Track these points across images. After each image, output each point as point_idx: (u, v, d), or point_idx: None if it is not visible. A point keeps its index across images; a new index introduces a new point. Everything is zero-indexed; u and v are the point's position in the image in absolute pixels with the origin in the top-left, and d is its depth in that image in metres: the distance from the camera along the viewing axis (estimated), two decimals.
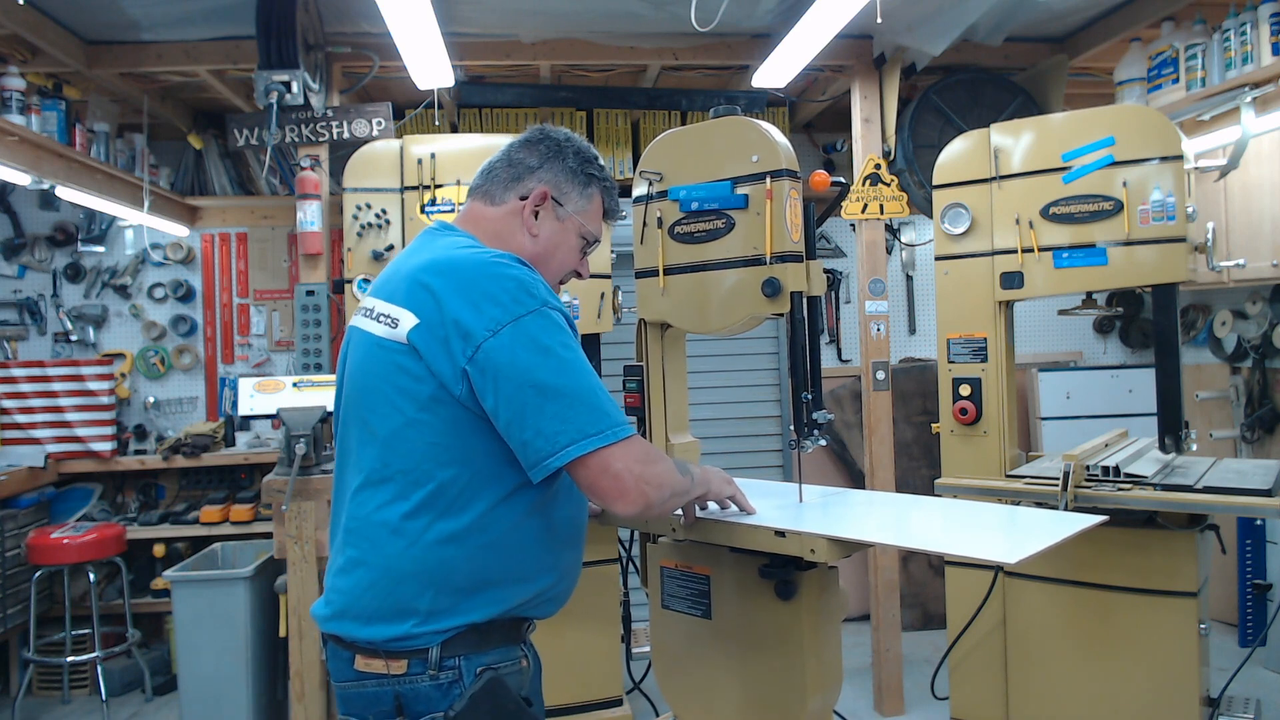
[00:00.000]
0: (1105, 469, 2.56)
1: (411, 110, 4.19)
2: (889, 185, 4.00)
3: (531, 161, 1.67)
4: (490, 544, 1.45)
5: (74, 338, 4.80)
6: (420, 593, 1.44)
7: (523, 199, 1.65)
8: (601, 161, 1.74)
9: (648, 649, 2.32)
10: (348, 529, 1.51)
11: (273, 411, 3.20)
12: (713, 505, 1.90)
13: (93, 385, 4.53)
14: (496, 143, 3.37)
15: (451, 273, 1.46)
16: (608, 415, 1.42)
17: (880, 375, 4.00)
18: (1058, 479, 2.53)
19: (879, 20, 3.15)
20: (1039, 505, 2.51)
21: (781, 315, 2.04)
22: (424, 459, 1.44)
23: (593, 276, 3.21)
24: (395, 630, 1.44)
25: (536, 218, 1.65)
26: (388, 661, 1.45)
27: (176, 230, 4.75)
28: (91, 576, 4.03)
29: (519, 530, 1.48)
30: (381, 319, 1.50)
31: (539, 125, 1.73)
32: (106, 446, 4.51)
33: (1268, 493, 2.34)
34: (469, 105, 4.50)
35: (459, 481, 1.44)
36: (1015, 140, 2.81)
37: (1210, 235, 2.65)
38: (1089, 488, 2.53)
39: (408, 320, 1.45)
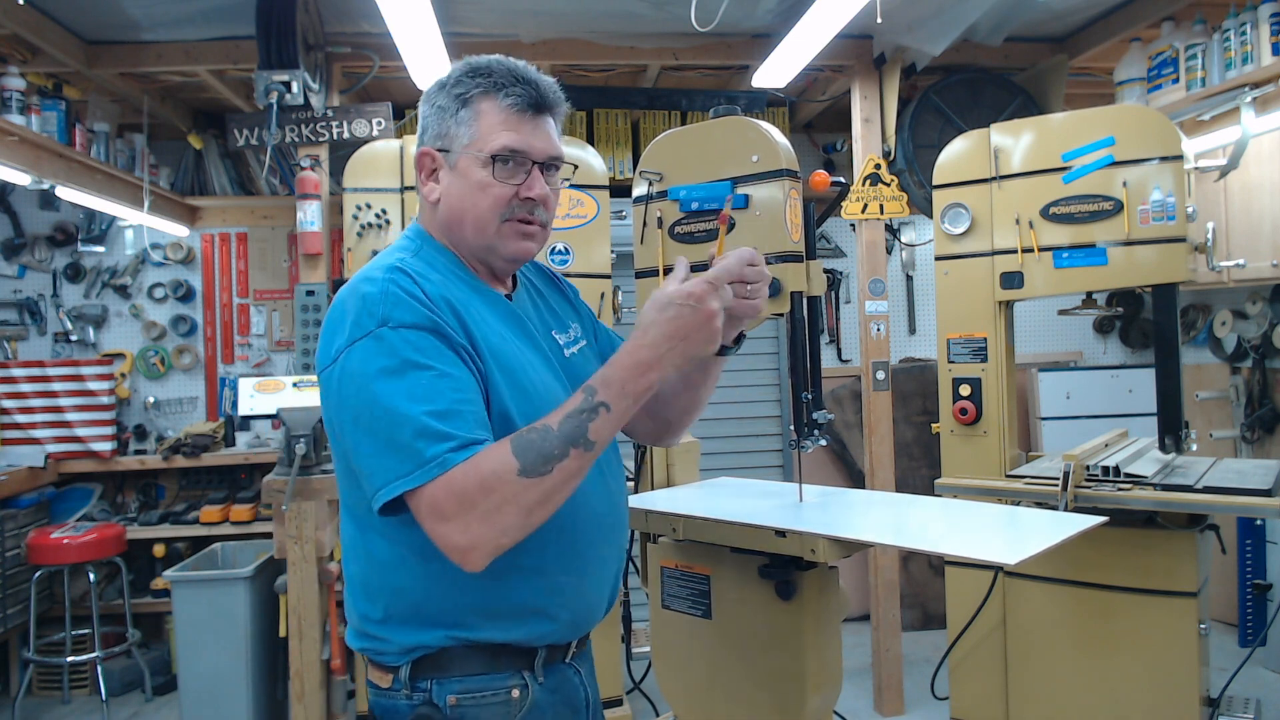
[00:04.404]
0: (1105, 469, 2.56)
1: (411, 110, 4.18)
2: (889, 185, 4.00)
3: (426, 116, 1.42)
4: (406, 573, 1.32)
5: (74, 338, 4.80)
6: (372, 611, 1.36)
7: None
8: (488, 62, 1.38)
9: (648, 649, 2.33)
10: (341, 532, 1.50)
11: (273, 411, 3.21)
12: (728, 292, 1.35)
13: (93, 385, 4.53)
14: None
15: (330, 311, 1.34)
16: (415, 453, 1.17)
17: (880, 375, 4.00)
18: (1058, 479, 2.53)
19: (879, 20, 3.15)
20: (1039, 505, 2.51)
21: (781, 315, 2.04)
22: (344, 480, 1.38)
23: (593, 276, 3.23)
24: (362, 643, 1.39)
25: (436, 179, 1.41)
26: (379, 674, 1.38)
27: (176, 230, 4.75)
28: (91, 576, 4.03)
29: (425, 559, 1.28)
30: None
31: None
32: (106, 446, 4.51)
33: (1268, 493, 2.34)
34: None
35: (364, 507, 1.29)
36: (1015, 140, 2.81)
37: (1210, 235, 2.65)
38: (1089, 488, 2.53)
39: None
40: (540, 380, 1.37)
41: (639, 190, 2.47)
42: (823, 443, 2.09)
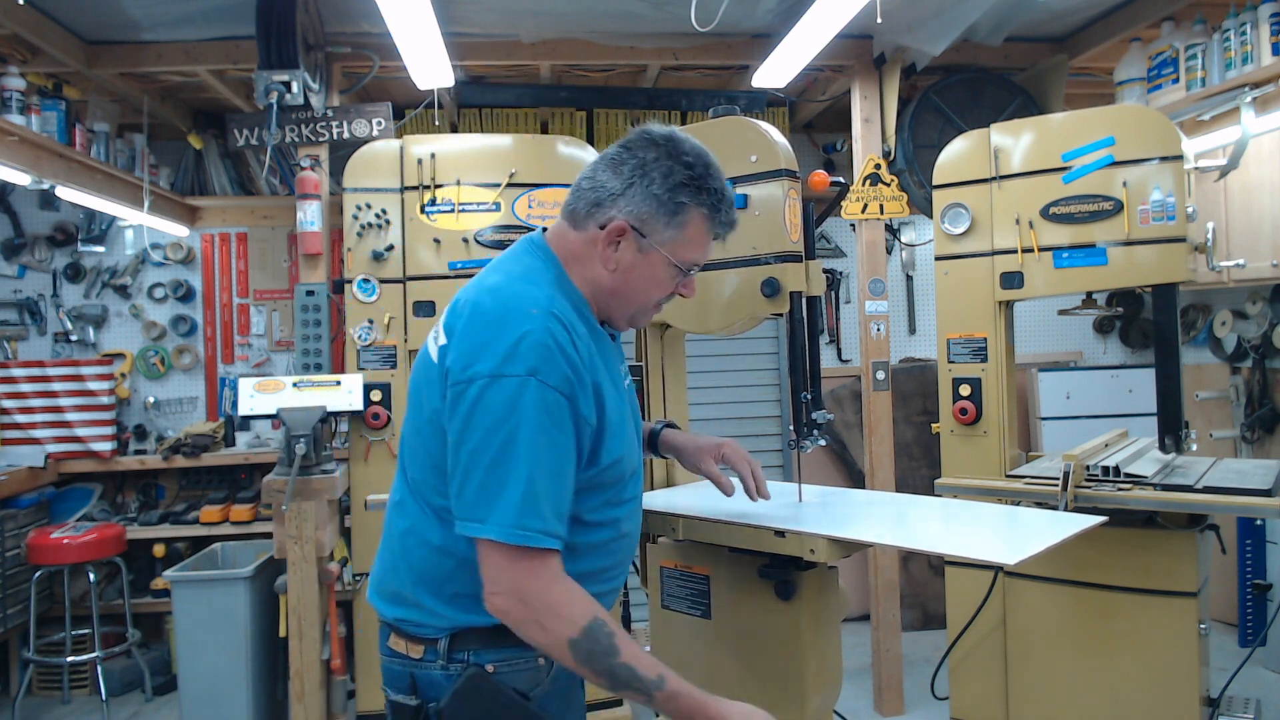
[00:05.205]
0: (1105, 469, 2.56)
1: (411, 110, 4.19)
2: (889, 185, 4.00)
3: (613, 185, 1.49)
4: (466, 561, 1.42)
5: (74, 338, 4.80)
6: (425, 587, 1.48)
7: (602, 227, 1.49)
8: (707, 169, 1.51)
9: (648, 649, 2.32)
10: (390, 504, 1.60)
11: (273, 411, 3.20)
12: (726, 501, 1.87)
13: (93, 385, 4.53)
14: (496, 143, 3.42)
15: (474, 313, 1.43)
16: (512, 514, 1.32)
17: (880, 375, 4.00)
18: (1058, 479, 2.53)
19: (879, 20, 3.15)
20: (1039, 505, 2.51)
21: (781, 315, 2.04)
22: (425, 470, 1.48)
23: None
24: (399, 613, 1.51)
25: (617, 248, 1.50)
26: (408, 644, 1.49)
27: (176, 230, 4.75)
28: (91, 576, 4.03)
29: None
30: (435, 332, 1.52)
31: (642, 128, 1.53)
32: (106, 446, 4.51)
33: (1268, 493, 2.33)
34: (469, 105, 4.50)
35: (443, 498, 1.45)
36: (1015, 140, 2.81)
37: (1210, 235, 2.65)
38: (1089, 488, 2.53)
39: (442, 339, 1.47)
40: (623, 423, 1.53)
41: None
42: (823, 443, 2.09)
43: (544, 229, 1.61)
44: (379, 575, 1.58)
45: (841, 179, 2.39)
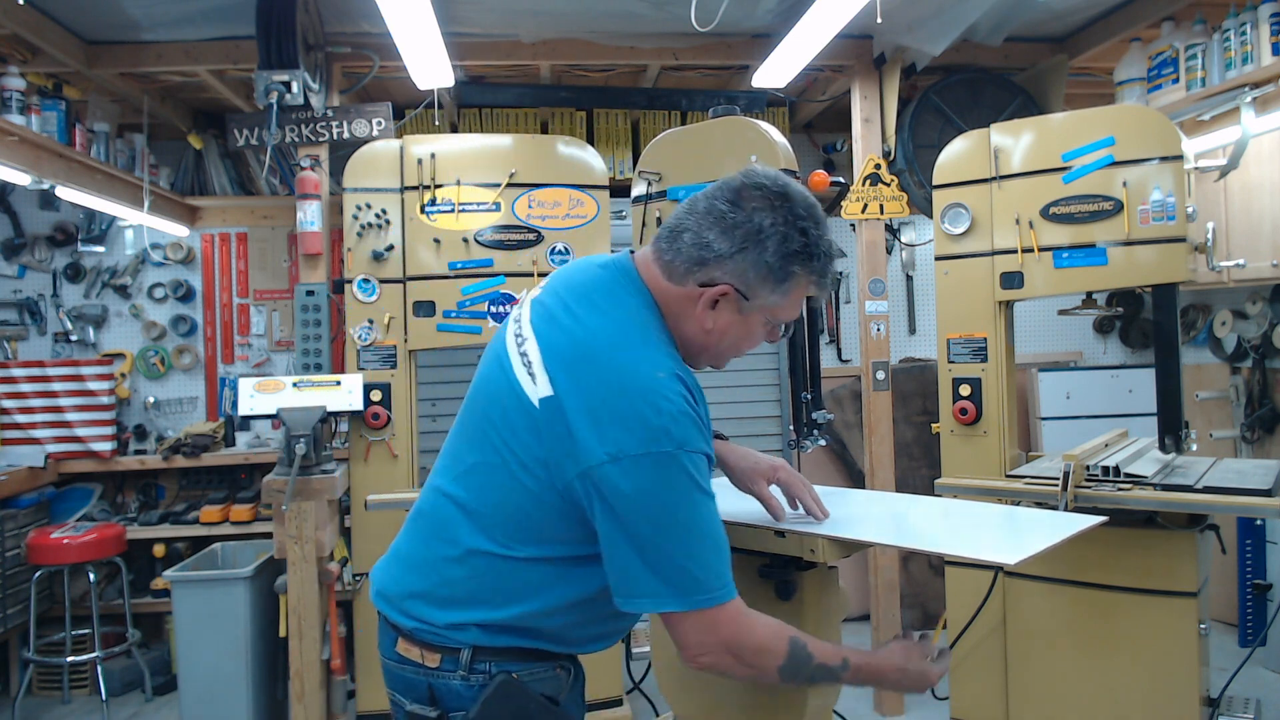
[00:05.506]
0: (1105, 469, 2.56)
1: (411, 110, 4.19)
2: (889, 185, 4.00)
3: (722, 247, 1.41)
4: (535, 612, 1.44)
5: (74, 338, 4.80)
6: (462, 608, 1.45)
7: (703, 285, 1.43)
8: (820, 233, 1.43)
9: (648, 649, 2.33)
10: (421, 512, 1.54)
11: (273, 411, 3.20)
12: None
13: (93, 385, 4.53)
14: (496, 143, 3.42)
15: (590, 370, 1.36)
16: (695, 581, 1.34)
17: (880, 375, 4.00)
18: (1058, 479, 2.53)
19: (879, 20, 3.15)
20: (1039, 505, 2.51)
21: None
22: (498, 508, 1.43)
23: None
24: (434, 625, 1.46)
25: (715, 306, 1.45)
26: (424, 652, 1.45)
27: (176, 230, 4.75)
28: (91, 576, 4.03)
29: (562, 609, 1.46)
30: (524, 360, 1.43)
31: (754, 182, 1.43)
32: (106, 446, 4.51)
33: (1268, 493, 2.33)
34: (469, 105, 4.50)
35: (518, 542, 1.42)
36: (1015, 140, 2.81)
37: (1210, 235, 2.65)
38: (1089, 488, 2.53)
39: (542, 387, 1.38)
40: None
41: (638, 190, 2.48)
42: (823, 443, 2.09)
43: (631, 251, 1.55)
44: (397, 580, 1.52)
45: (841, 179, 2.39)
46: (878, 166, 4.01)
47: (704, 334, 1.47)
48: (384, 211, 3.33)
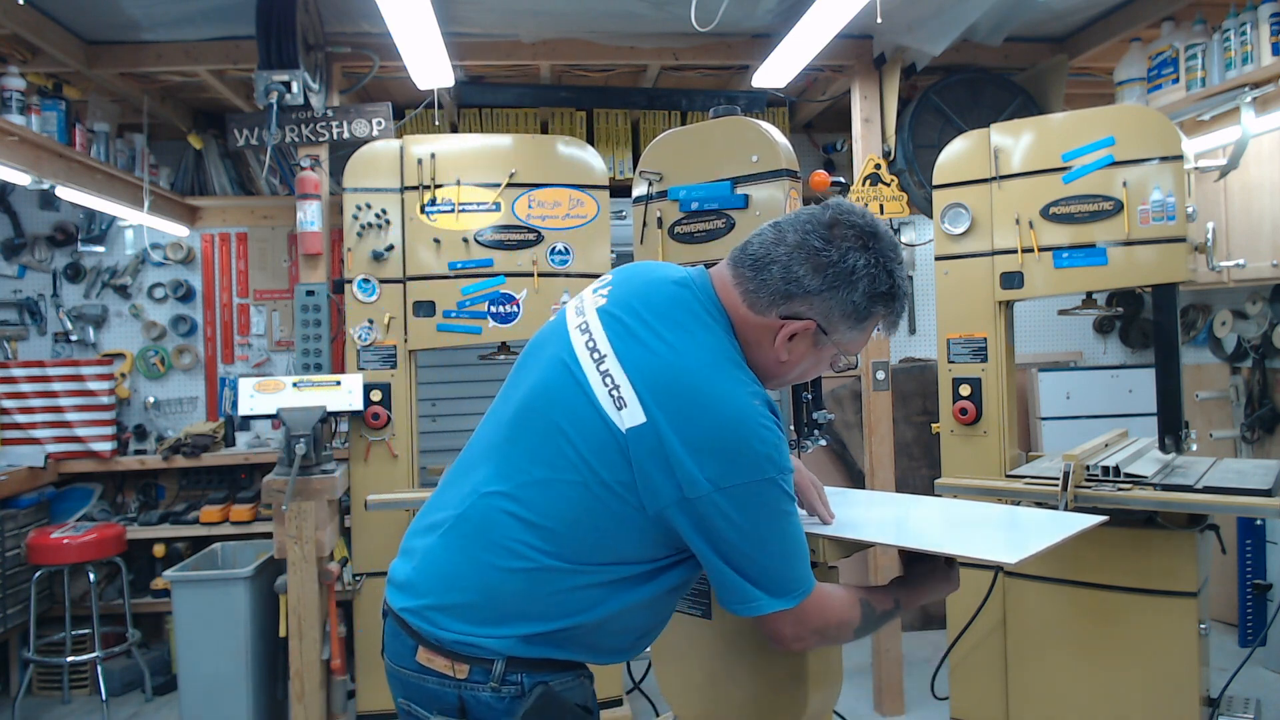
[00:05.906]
0: (1105, 469, 2.56)
1: (411, 110, 4.19)
2: (889, 185, 4.00)
3: (811, 284, 1.42)
4: (585, 625, 1.44)
5: (74, 338, 4.80)
6: (513, 623, 1.42)
7: (785, 318, 1.45)
8: (902, 273, 1.47)
9: (648, 649, 2.32)
10: (466, 518, 1.45)
11: (273, 411, 3.20)
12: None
13: (93, 385, 4.53)
14: (496, 143, 3.42)
15: (687, 400, 1.36)
16: (798, 583, 1.43)
17: (880, 375, 4.00)
18: (1058, 479, 2.53)
19: (879, 20, 3.15)
20: (1039, 505, 2.51)
21: None
22: (575, 527, 1.40)
23: (592, 276, 3.23)
24: (473, 637, 1.41)
25: (792, 339, 1.47)
26: (453, 664, 1.41)
27: (176, 230, 4.75)
28: (91, 576, 4.03)
29: (611, 619, 1.47)
30: (605, 379, 1.39)
31: (847, 220, 1.44)
32: (106, 446, 4.51)
33: (1268, 493, 2.33)
34: (469, 105, 4.50)
35: (592, 561, 1.41)
36: (1015, 140, 2.81)
37: (1210, 235, 2.65)
38: (1089, 488, 2.53)
39: (632, 413, 1.36)
40: None
41: (639, 190, 2.48)
42: (823, 443, 2.09)
43: (706, 266, 1.54)
44: (426, 588, 1.45)
45: (842, 179, 2.39)
46: (878, 166, 4.01)
47: (777, 364, 1.50)
48: (384, 211, 3.33)
